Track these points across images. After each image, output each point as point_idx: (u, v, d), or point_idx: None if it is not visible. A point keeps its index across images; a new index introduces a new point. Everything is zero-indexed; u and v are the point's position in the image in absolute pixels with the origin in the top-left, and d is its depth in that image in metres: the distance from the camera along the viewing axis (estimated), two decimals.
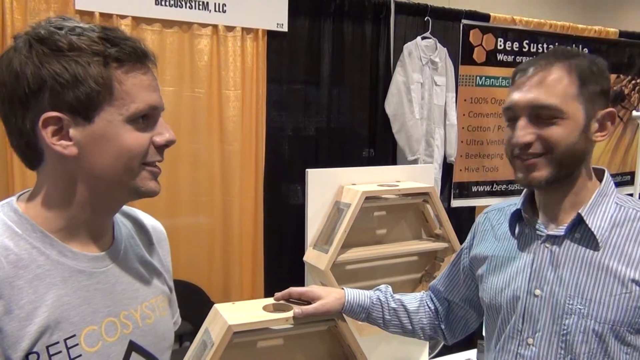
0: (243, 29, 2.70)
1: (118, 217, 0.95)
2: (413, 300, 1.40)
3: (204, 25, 2.63)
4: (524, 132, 1.03)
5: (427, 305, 1.41)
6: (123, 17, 2.45)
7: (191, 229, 2.71)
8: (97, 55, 0.78)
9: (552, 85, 1.01)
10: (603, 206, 1.05)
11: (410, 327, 1.38)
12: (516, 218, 1.15)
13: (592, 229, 1.03)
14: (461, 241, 2.10)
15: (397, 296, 1.40)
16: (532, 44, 3.56)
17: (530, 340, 1.08)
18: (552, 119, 1.01)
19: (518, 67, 1.09)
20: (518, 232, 1.15)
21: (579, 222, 1.05)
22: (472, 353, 2.29)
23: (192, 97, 2.64)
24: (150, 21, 2.53)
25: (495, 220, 1.24)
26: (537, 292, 1.07)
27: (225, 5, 2.64)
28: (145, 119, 0.83)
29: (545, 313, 1.06)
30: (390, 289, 1.42)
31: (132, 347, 0.87)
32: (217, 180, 2.72)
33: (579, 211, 1.04)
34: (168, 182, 2.63)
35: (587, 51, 3.75)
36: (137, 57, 0.82)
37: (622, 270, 1.00)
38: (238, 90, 2.71)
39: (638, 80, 4.04)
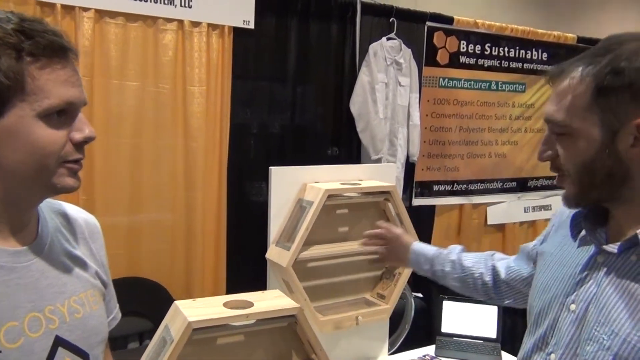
0: (209, 24, 2.68)
1: (45, 212, 0.94)
2: (473, 257, 1.43)
3: (169, 20, 2.60)
4: (542, 148, 0.97)
5: (490, 260, 1.40)
6: (86, 9, 2.41)
7: (153, 226, 2.69)
8: (9, 49, 0.75)
9: (561, 96, 0.91)
10: None
11: (469, 280, 1.41)
12: (578, 220, 1.03)
13: None
14: (421, 239, 2.14)
15: (462, 253, 1.44)
16: (493, 47, 3.65)
17: (552, 356, 0.99)
18: (561, 135, 0.93)
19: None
20: (579, 236, 1.03)
21: (635, 243, 0.90)
22: (431, 349, 2.34)
23: (156, 93, 2.61)
24: (113, 14, 2.49)
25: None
26: (572, 307, 0.96)
27: (191, 1, 2.62)
28: (62, 115, 0.81)
29: (571, 331, 0.96)
30: (458, 248, 1.46)
31: (59, 342, 0.86)
32: (180, 177, 2.70)
33: (638, 232, 0.89)
34: (130, 178, 2.60)
35: (546, 56, 3.86)
36: (53, 51, 0.78)
37: None
38: (203, 86, 2.69)
39: None
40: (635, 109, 0.85)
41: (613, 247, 0.93)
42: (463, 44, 3.52)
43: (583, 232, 1.01)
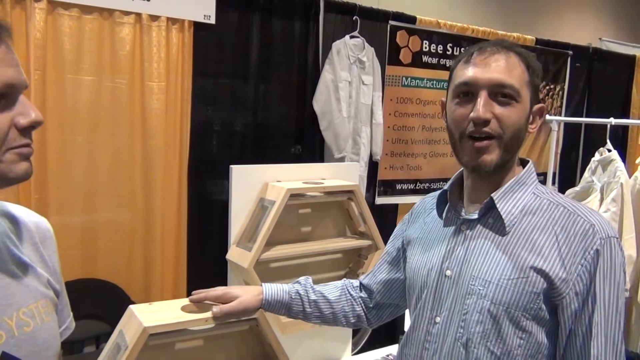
0: (168, 19, 2.61)
1: None
2: (334, 289, 1.39)
3: (126, 13, 2.51)
4: (486, 108, 1.02)
5: (349, 293, 1.40)
6: (37, 0, 2.31)
7: (110, 226, 2.60)
8: None
9: (512, 67, 1.03)
10: (518, 194, 1.07)
11: (332, 317, 1.37)
12: (444, 200, 1.17)
13: (502, 214, 1.05)
14: (384, 238, 2.14)
15: (317, 287, 1.38)
16: (455, 48, 3.68)
17: (437, 319, 1.10)
18: (510, 100, 1.02)
19: (472, 48, 1.08)
20: (445, 214, 1.16)
21: (491, 207, 1.07)
22: (394, 348, 2.33)
23: (112, 88, 2.52)
24: (67, 6, 2.39)
25: (429, 205, 1.26)
26: (448, 272, 1.10)
27: None
28: (1, 98, 0.75)
29: (452, 293, 1.09)
30: (310, 280, 1.40)
31: (5, 358, 0.80)
32: (139, 175, 2.62)
33: (492, 195, 1.06)
34: (85, 177, 2.51)
35: None
36: None
37: (523, 256, 1.02)
38: (162, 82, 2.62)
39: (551, 86, 4.28)
40: (537, 96, 1.08)
41: (473, 215, 1.10)
42: (425, 43, 3.54)
43: (445, 211, 1.16)
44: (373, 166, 3.42)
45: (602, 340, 0.98)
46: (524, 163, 1.13)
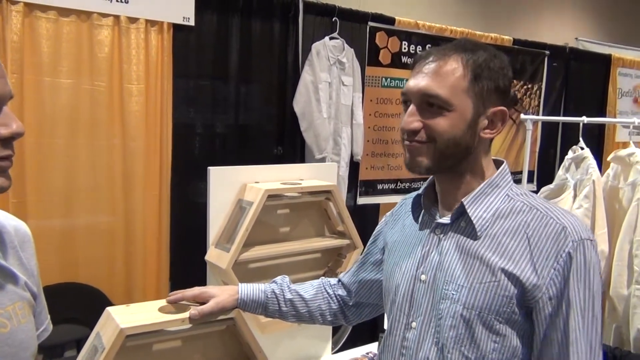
0: (147, 21, 2.62)
1: None
2: (310, 288, 1.40)
3: (105, 15, 2.52)
4: (412, 118, 1.04)
5: (326, 291, 1.40)
6: (14, 2, 2.30)
7: (91, 229, 2.59)
8: None
9: (445, 76, 1.02)
10: (490, 197, 1.06)
11: (308, 315, 1.38)
12: (418, 203, 1.17)
13: (472, 219, 1.05)
14: (363, 238, 2.16)
15: (293, 286, 1.39)
16: None
17: (413, 324, 1.10)
18: (439, 110, 1.02)
19: (419, 54, 1.09)
20: (420, 218, 1.16)
21: (463, 212, 1.06)
22: (374, 346, 2.36)
23: (91, 91, 2.53)
24: (44, 8, 2.39)
25: (409, 205, 1.24)
26: (423, 277, 1.09)
27: None
28: None
29: (426, 298, 1.08)
30: (287, 279, 1.41)
31: None
32: (119, 178, 2.62)
33: (462, 200, 1.06)
34: (65, 180, 2.51)
35: None
36: None
37: (494, 260, 1.01)
38: (141, 84, 2.62)
39: (529, 85, 4.34)
40: (495, 100, 1.05)
41: (446, 219, 1.09)
42: (404, 44, 3.58)
43: (421, 215, 1.16)
44: (354, 166, 3.45)
45: (581, 346, 0.97)
46: (499, 164, 1.12)
